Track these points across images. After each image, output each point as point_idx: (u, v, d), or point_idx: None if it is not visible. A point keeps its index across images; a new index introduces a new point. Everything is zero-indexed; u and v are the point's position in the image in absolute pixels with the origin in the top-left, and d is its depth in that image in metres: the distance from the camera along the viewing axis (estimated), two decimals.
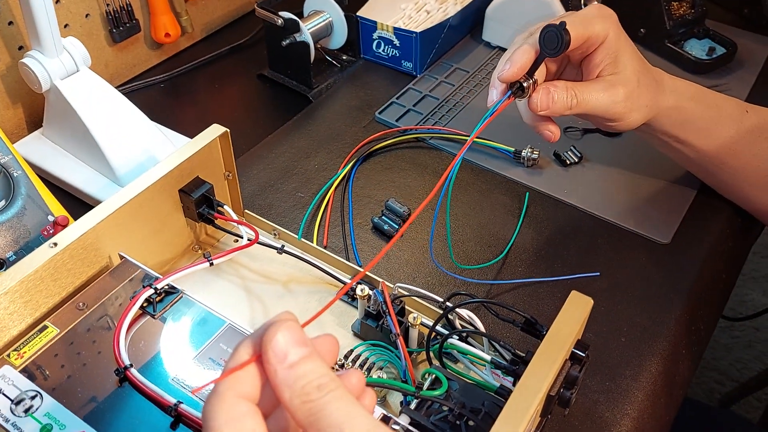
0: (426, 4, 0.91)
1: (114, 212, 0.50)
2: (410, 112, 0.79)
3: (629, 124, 0.58)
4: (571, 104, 0.54)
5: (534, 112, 0.55)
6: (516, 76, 0.53)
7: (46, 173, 0.70)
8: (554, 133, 0.57)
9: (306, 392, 0.28)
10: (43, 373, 0.45)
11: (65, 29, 0.75)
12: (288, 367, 0.28)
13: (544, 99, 0.54)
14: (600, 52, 0.55)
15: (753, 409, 1.44)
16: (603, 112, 0.56)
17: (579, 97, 0.54)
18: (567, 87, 0.54)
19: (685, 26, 0.86)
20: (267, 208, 0.67)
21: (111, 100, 0.69)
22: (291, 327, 0.29)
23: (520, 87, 0.53)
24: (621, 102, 0.55)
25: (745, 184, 0.64)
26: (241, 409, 0.28)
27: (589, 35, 0.54)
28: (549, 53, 0.51)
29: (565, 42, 0.50)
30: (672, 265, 0.62)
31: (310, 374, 0.28)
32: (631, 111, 0.57)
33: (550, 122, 0.57)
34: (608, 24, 0.54)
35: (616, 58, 0.55)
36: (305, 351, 0.29)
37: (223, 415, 0.28)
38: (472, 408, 0.43)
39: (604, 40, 0.55)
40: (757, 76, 0.85)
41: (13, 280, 0.45)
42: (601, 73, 0.56)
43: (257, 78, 0.86)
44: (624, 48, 0.55)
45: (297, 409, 0.28)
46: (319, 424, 0.27)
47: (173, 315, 0.49)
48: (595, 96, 0.55)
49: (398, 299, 0.52)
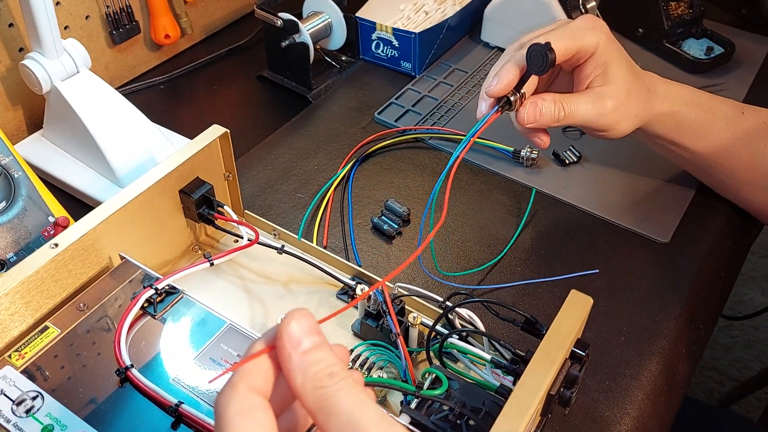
0: (425, 4, 0.91)
1: (114, 213, 0.51)
2: (409, 112, 0.79)
3: (619, 134, 0.59)
4: (559, 117, 0.55)
5: (522, 125, 0.56)
6: (503, 92, 0.54)
7: (46, 174, 0.70)
8: (544, 141, 0.59)
9: (318, 378, 0.28)
10: (44, 374, 0.45)
11: (65, 31, 0.75)
12: (302, 353, 0.29)
13: (531, 113, 0.55)
14: (590, 64, 0.56)
15: (753, 409, 1.44)
16: (591, 124, 0.57)
17: (566, 109, 0.55)
18: (555, 100, 0.55)
19: (683, 26, 0.86)
20: (267, 209, 0.67)
21: (111, 101, 0.69)
22: (306, 316, 0.30)
23: (507, 101, 0.54)
24: (609, 114, 0.56)
25: (743, 184, 0.64)
26: (253, 402, 0.29)
27: (579, 47, 0.54)
28: (535, 71, 0.52)
29: (549, 61, 0.51)
30: (671, 264, 0.62)
31: (322, 362, 0.29)
32: (620, 122, 0.57)
33: (540, 131, 0.58)
34: (599, 36, 0.55)
35: (606, 69, 0.56)
36: (319, 339, 0.29)
37: (234, 406, 0.28)
38: (473, 407, 0.43)
39: (594, 52, 0.55)
40: (755, 75, 0.85)
41: (14, 280, 0.45)
42: (590, 84, 0.57)
43: (256, 79, 0.86)
44: (614, 59, 0.56)
45: (308, 394, 0.28)
46: (329, 410, 0.28)
47: (174, 315, 0.49)
48: (583, 108, 0.56)
49: (398, 299, 0.52)
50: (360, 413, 0.28)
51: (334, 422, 0.28)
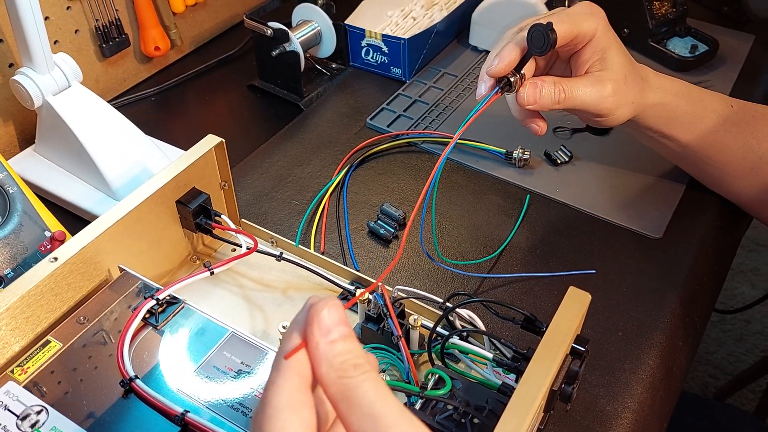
0: (412, 10, 0.92)
1: (112, 225, 0.51)
2: (401, 117, 0.80)
3: (616, 120, 0.59)
4: (559, 98, 0.55)
5: (521, 106, 0.56)
6: (504, 71, 0.54)
7: (40, 189, 0.69)
8: (541, 127, 0.59)
9: (344, 368, 0.29)
10: (47, 388, 0.45)
11: (55, 45, 0.75)
12: (330, 342, 0.29)
13: (531, 93, 0.55)
14: (588, 49, 0.56)
15: (748, 401, 1.46)
16: (591, 107, 0.57)
17: (567, 92, 0.55)
18: (555, 82, 0.55)
19: (668, 25, 0.88)
20: (263, 217, 0.67)
21: (103, 114, 0.69)
22: (337, 306, 0.30)
23: (507, 82, 0.54)
24: (608, 97, 0.56)
25: (731, 177, 0.65)
26: (303, 399, 0.29)
27: (578, 32, 0.55)
28: (536, 52, 0.52)
29: (551, 41, 0.51)
30: (665, 259, 0.63)
31: (349, 353, 0.29)
32: (618, 106, 0.58)
33: (537, 116, 0.58)
34: (597, 21, 0.56)
35: (604, 54, 0.56)
36: (347, 331, 0.30)
37: (286, 397, 0.29)
38: (477, 406, 0.44)
39: (593, 37, 0.56)
40: (739, 71, 0.86)
41: (15, 295, 0.45)
42: (589, 69, 0.57)
43: (248, 88, 0.87)
44: (612, 45, 0.57)
45: (332, 383, 0.29)
46: (352, 401, 0.28)
47: (175, 325, 0.49)
48: (583, 91, 0.56)
49: (398, 302, 0.52)
50: (382, 405, 0.28)
51: (357, 413, 0.28)
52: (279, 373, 0.30)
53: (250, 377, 0.46)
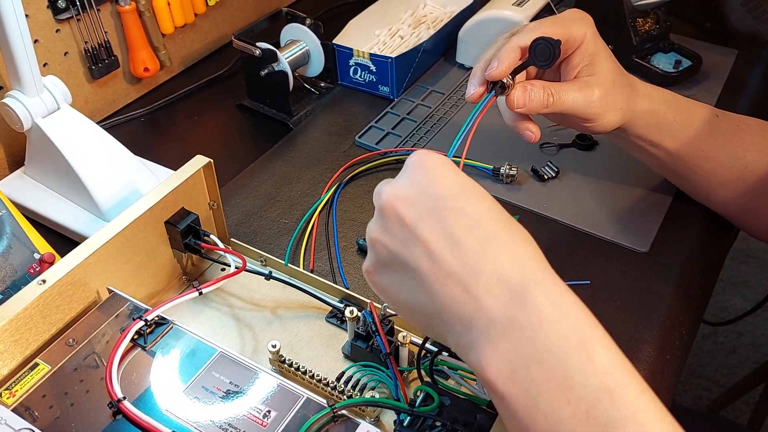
0: (399, 29, 0.93)
1: (101, 247, 0.51)
2: (389, 135, 0.80)
3: (605, 125, 0.59)
4: (548, 102, 0.56)
5: (511, 109, 0.57)
6: (504, 74, 0.55)
7: (29, 212, 0.70)
8: (535, 133, 0.58)
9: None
10: (36, 411, 0.44)
11: (44, 68, 0.75)
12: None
13: (521, 96, 0.56)
14: (578, 54, 0.57)
15: (741, 414, 1.46)
16: (579, 111, 0.58)
17: (555, 95, 0.56)
18: (544, 86, 0.56)
19: (651, 41, 0.89)
20: (252, 236, 0.68)
21: (93, 135, 0.69)
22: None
23: (501, 85, 0.55)
24: (596, 102, 0.57)
25: (719, 187, 0.66)
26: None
27: (568, 37, 0.56)
28: (540, 65, 0.53)
29: (556, 56, 0.52)
30: (652, 272, 0.64)
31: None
32: (606, 111, 0.58)
33: (529, 122, 0.58)
34: (586, 27, 0.57)
35: (593, 60, 0.57)
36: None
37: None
38: (465, 422, 0.44)
39: (582, 43, 0.57)
40: (722, 86, 0.87)
41: (3, 319, 0.45)
42: (578, 74, 0.58)
43: (237, 108, 0.87)
44: (600, 50, 0.58)
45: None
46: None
47: (164, 346, 0.49)
48: (572, 95, 0.57)
49: (387, 319, 0.52)
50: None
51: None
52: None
53: (238, 397, 0.46)
